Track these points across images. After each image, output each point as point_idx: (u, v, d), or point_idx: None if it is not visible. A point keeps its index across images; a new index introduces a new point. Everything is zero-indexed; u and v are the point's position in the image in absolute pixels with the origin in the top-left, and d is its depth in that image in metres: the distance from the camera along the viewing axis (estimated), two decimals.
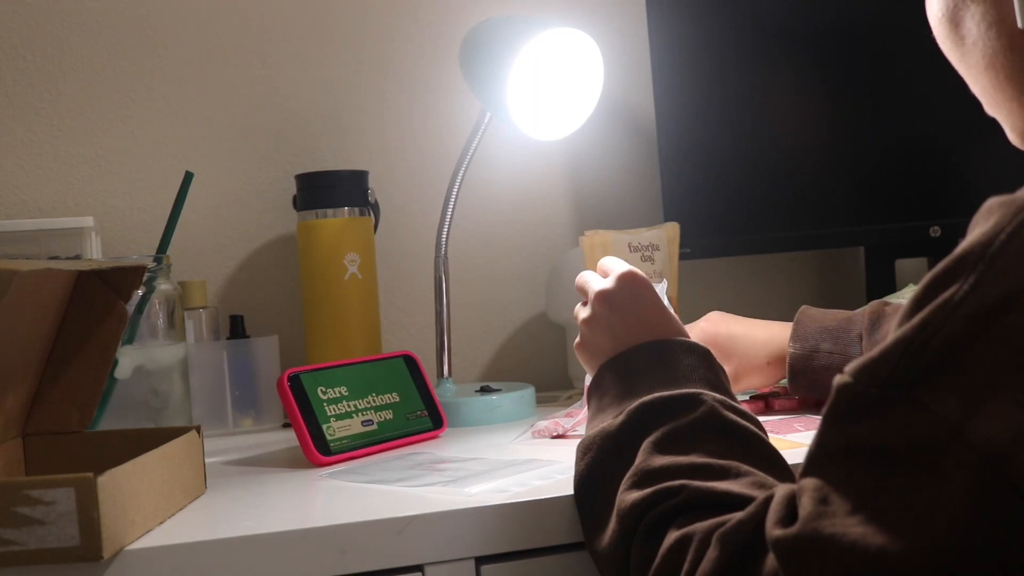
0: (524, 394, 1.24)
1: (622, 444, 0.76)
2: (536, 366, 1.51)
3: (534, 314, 1.52)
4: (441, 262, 1.29)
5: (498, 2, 1.50)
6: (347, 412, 1.06)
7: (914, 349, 0.55)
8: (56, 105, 1.38)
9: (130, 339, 1.08)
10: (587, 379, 0.97)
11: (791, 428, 1.04)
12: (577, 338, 0.91)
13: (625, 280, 0.88)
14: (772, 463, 0.72)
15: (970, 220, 0.57)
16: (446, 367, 1.29)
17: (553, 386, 1.46)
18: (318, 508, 0.90)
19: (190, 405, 1.15)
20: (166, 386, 1.11)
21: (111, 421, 1.05)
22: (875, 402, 0.56)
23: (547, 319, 1.48)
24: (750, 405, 1.15)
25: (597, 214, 1.54)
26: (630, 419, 0.76)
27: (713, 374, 0.81)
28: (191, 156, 1.40)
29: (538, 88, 1.21)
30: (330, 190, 1.31)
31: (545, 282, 1.46)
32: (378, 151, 1.47)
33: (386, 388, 1.11)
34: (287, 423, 1.23)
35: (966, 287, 0.54)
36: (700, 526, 0.65)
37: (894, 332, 0.56)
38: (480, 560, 0.80)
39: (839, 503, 0.56)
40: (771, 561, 0.58)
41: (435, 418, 1.13)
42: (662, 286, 0.97)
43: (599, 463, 0.77)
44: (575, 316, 0.92)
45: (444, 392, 1.24)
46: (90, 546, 0.71)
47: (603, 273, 0.92)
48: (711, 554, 0.62)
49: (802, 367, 1.10)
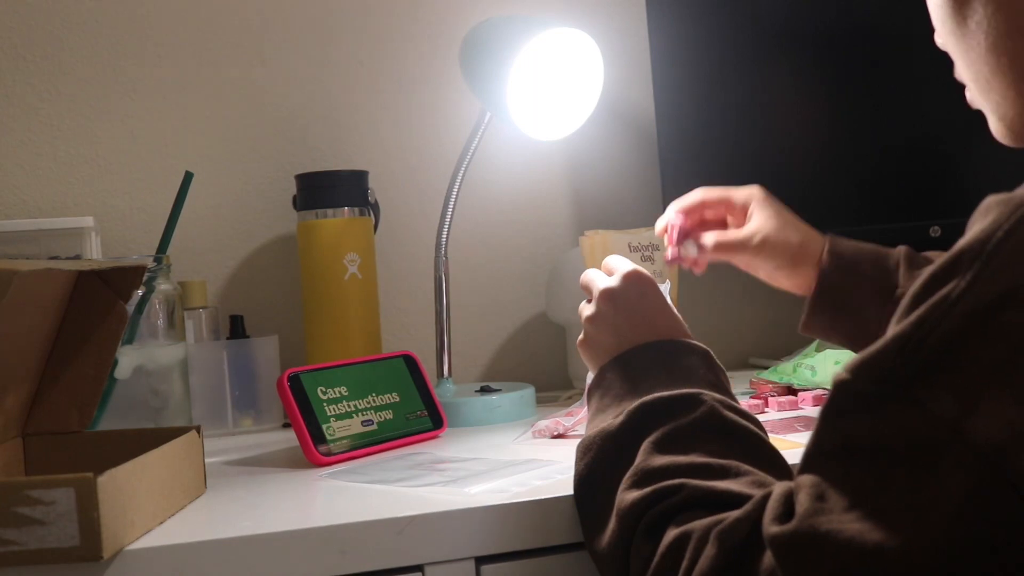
0: (524, 394, 1.24)
1: (622, 444, 0.76)
2: (536, 366, 1.51)
3: (534, 314, 1.52)
4: (441, 262, 1.29)
5: (498, 2, 1.50)
6: (347, 412, 1.06)
7: (911, 346, 0.55)
8: (56, 105, 1.38)
9: (130, 339, 1.08)
10: (589, 377, 0.97)
11: (791, 428, 1.04)
12: (581, 335, 0.91)
13: (630, 279, 0.88)
14: (772, 463, 0.72)
15: (969, 220, 0.57)
16: (446, 367, 1.29)
17: (553, 386, 1.46)
18: (318, 508, 0.90)
19: (190, 405, 1.15)
20: (166, 386, 1.11)
21: (111, 421, 1.05)
22: (872, 399, 0.56)
23: (547, 319, 1.48)
24: (750, 405, 1.15)
25: (597, 214, 1.54)
26: (630, 419, 0.76)
27: (713, 375, 0.81)
28: (191, 156, 1.40)
29: (538, 88, 1.21)
30: (330, 190, 1.31)
31: (545, 282, 1.46)
32: (378, 151, 1.47)
33: (386, 388, 1.11)
34: (287, 423, 1.22)
35: (963, 284, 0.54)
36: (698, 524, 0.65)
37: (891, 328, 0.56)
38: (480, 560, 0.80)
39: (836, 500, 0.56)
40: (768, 558, 0.58)
41: (435, 418, 1.13)
42: (665, 286, 0.97)
43: (599, 463, 0.77)
44: (579, 313, 0.92)
45: (444, 392, 1.24)
46: (90, 546, 0.71)
47: (608, 272, 0.92)
48: (709, 551, 0.62)
49: (836, 282, 1.05)
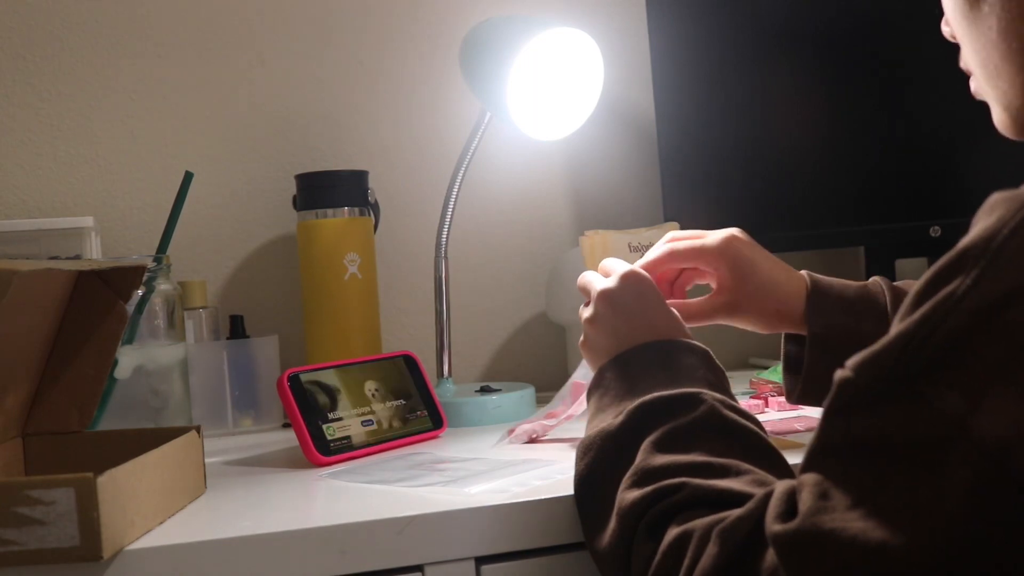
0: (524, 394, 1.24)
1: (622, 444, 0.76)
2: (536, 366, 1.51)
3: (534, 314, 1.52)
4: (441, 262, 1.29)
5: (498, 2, 1.50)
6: (347, 412, 1.06)
7: (915, 344, 0.55)
8: (56, 105, 1.38)
9: (130, 339, 1.08)
10: (578, 375, 0.97)
11: (791, 428, 1.04)
12: (582, 337, 0.91)
13: (627, 280, 0.88)
14: (773, 462, 0.72)
15: (970, 220, 0.57)
16: (446, 367, 1.29)
17: (553, 386, 1.45)
18: (318, 508, 0.90)
19: (190, 405, 1.15)
20: (166, 386, 1.11)
21: (111, 421, 1.05)
22: (876, 397, 0.56)
23: (547, 319, 1.48)
24: (750, 405, 1.15)
25: (597, 214, 1.54)
26: (630, 419, 0.76)
27: (713, 374, 0.81)
28: (191, 156, 1.40)
29: (538, 88, 1.21)
30: (330, 190, 1.31)
31: (545, 282, 1.46)
32: (378, 151, 1.47)
33: (386, 388, 1.11)
34: (287, 423, 1.22)
35: (968, 282, 0.54)
36: (700, 523, 0.64)
37: (895, 326, 0.56)
38: (480, 560, 0.80)
39: (839, 498, 0.56)
40: (771, 556, 0.58)
41: (435, 418, 1.13)
42: None
43: (599, 463, 0.77)
44: (579, 315, 0.92)
45: (444, 392, 1.24)
46: (90, 546, 0.71)
47: (605, 273, 0.92)
48: (711, 550, 0.62)
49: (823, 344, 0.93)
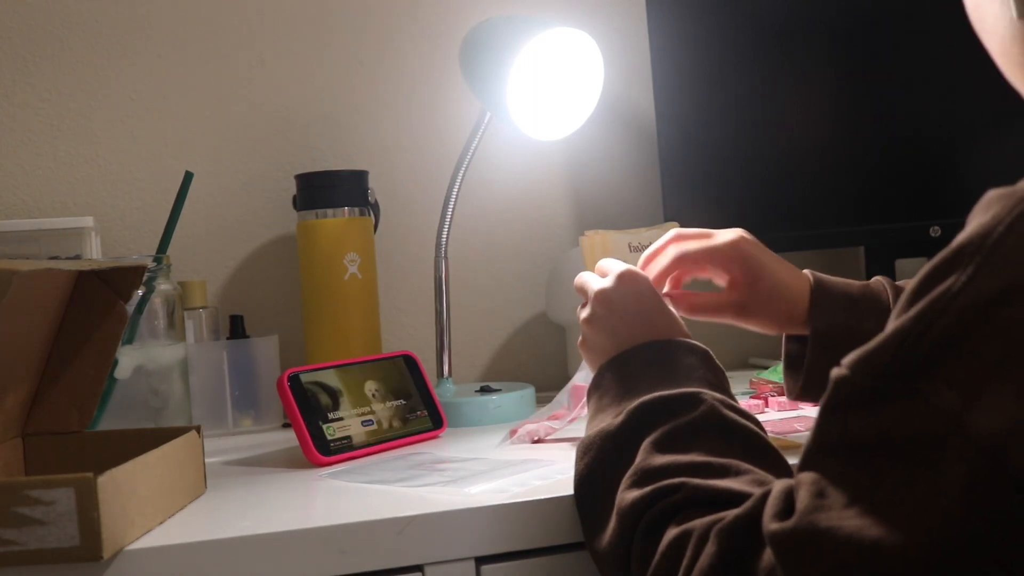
0: (524, 394, 1.24)
1: (622, 444, 0.76)
2: (536, 366, 1.51)
3: (534, 314, 1.52)
4: (441, 262, 1.29)
5: (498, 2, 1.50)
6: (347, 412, 1.06)
7: (911, 340, 0.55)
8: (56, 105, 1.38)
9: (130, 339, 1.08)
10: (578, 376, 0.97)
11: (791, 428, 1.04)
12: (580, 337, 0.91)
13: (624, 279, 0.88)
14: (772, 462, 0.72)
15: (970, 214, 0.57)
16: (446, 367, 1.29)
17: (553, 386, 1.45)
18: (318, 508, 0.90)
19: (190, 405, 1.15)
20: (166, 386, 1.11)
21: (111, 421, 1.05)
22: (872, 394, 0.56)
23: (547, 319, 1.48)
24: (750, 405, 1.15)
25: (597, 214, 1.54)
26: (630, 419, 0.76)
27: (713, 374, 0.81)
28: (191, 156, 1.40)
29: (538, 88, 1.21)
30: (330, 190, 1.31)
31: (545, 282, 1.46)
32: (378, 151, 1.47)
33: (386, 388, 1.11)
34: (287, 423, 1.22)
35: (964, 278, 0.54)
36: (699, 522, 0.64)
37: (891, 323, 0.56)
38: (480, 560, 0.80)
39: (836, 496, 0.56)
40: (768, 555, 0.58)
41: (435, 418, 1.13)
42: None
43: (599, 463, 0.77)
44: (577, 316, 0.92)
45: (444, 392, 1.24)
46: (90, 546, 0.71)
47: (601, 274, 0.92)
48: (709, 549, 0.62)
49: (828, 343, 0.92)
